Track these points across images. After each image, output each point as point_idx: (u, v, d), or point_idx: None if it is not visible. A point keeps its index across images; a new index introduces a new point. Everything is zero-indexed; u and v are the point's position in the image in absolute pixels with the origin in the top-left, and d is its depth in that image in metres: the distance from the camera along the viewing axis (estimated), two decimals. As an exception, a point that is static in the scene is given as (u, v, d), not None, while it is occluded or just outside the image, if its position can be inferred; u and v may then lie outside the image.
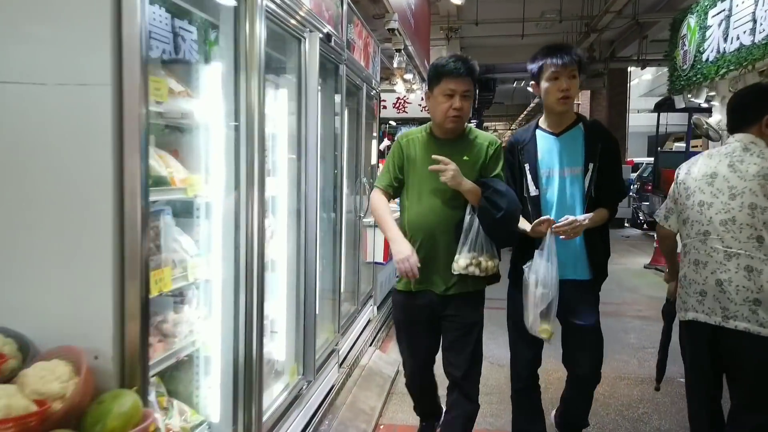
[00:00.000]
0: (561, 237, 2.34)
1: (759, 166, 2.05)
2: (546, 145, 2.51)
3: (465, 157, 2.36)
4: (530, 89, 17.54)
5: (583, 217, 2.35)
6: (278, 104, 2.81)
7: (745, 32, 6.06)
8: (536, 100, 21.00)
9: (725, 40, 6.57)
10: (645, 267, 8.10)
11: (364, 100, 4.32)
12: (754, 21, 5.85)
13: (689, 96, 8.12)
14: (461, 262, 2.30)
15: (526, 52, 11.37)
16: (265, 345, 2.76)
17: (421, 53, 8.04)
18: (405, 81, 8.12)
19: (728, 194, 2.07)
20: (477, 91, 2.40)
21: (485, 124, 35.94)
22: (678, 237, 2.43)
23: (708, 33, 6.99)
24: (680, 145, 20.35)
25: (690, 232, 2.23)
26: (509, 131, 37.95)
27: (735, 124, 2.21)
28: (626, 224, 14.22)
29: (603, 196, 2.44)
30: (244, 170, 2.07)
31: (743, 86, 6.99)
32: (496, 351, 4.19)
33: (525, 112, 25.22)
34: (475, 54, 14.46)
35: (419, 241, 2.38)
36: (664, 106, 13.30)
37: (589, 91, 18.53)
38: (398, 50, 6.36)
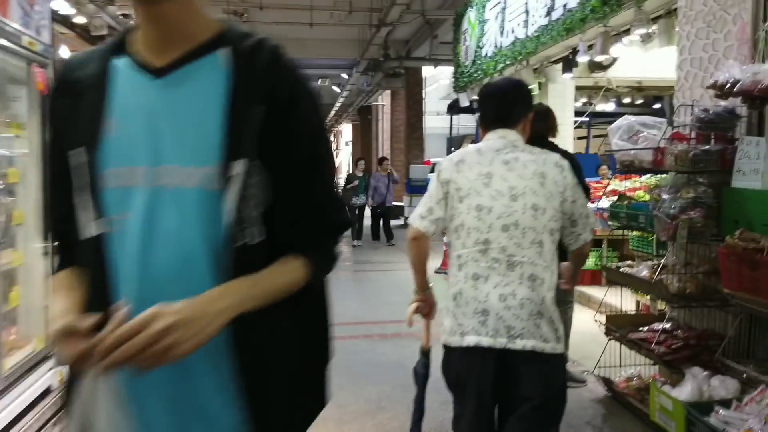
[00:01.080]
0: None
1: (534, 163, 1.88)
2: (130, 100, 0.94)
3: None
4: (335, 88, 16.97)
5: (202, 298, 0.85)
6: None
7: (519, 25, 5.77)
8: (342, 100, 20.58)
9: (501, 33, 6.29)
10: (435, 272, 7.69)
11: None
12: (527, 13, 5.57)
13: (472, 93, 7.92)
14: None
15: (321, 47, 10.37)
16: None
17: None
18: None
19: (509, 195, 1.84)
20: None
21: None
22: (446, 245, 1.96)
23: (486, 27, 6.71)
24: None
25: (466, 242, 1.88)
26: (321, 131, 37.41)
27: (497, 118, 1.97)
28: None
29: (289, 234, 0.96)
30: None
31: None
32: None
33: (333, 112, 24.67)
34: (270, 45, 13.49)
35: None
36: (455, 107, 13.65)
37: (389, 92, 18.62)
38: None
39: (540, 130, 3.72)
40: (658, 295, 2.73)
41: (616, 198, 3.59)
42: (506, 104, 1.97)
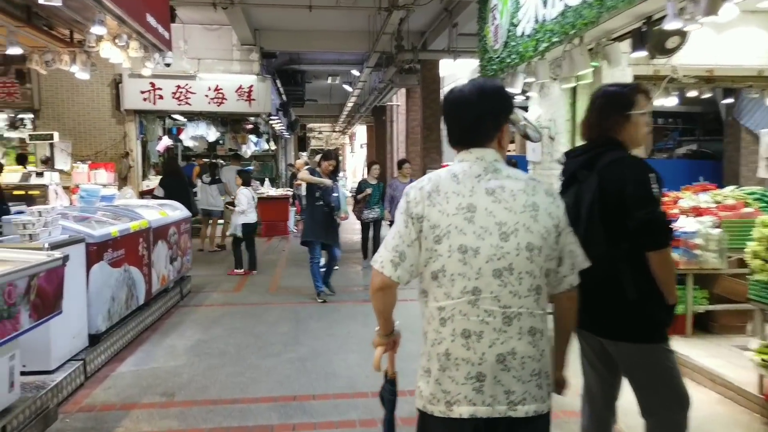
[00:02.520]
0: None
1: (524, 192, 1.59)
2: None
3: None
4: (346, 87, 15.67)
5: None
6: None
7: (571, -12, 4.39)
8: (354, 99, 19.22)
9: (545, 4, 4.89)
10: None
11: None
12: (584, -30, 4.19)
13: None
14: None
15: (326, 38, 8.73)
16: None
17: (140, 7, 5.34)
18: (118, 44, 5.28)
19: (498, 233, 1.56)
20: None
21: (309, 125, 33.86)
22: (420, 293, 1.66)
23: (523, -2, 5.32)
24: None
25: (451, 291, 1.57)
26: (335, 132, 36.11)
27: (462, 138, 1.66)
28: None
29: None
30: None
31: (569, 69, 5.47)
32: None
33: (345, 112, 23.36)
34: (273, 39, 11.98)
35: None
36: (478, 105, 12.22)
37: (404, 91, 17.23)
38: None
39: (616, 128, 2.32)
40: None
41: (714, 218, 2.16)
42: (473, 119, 1.64)
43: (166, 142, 13.13)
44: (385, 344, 1.84)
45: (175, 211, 6.43)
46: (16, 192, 6.13)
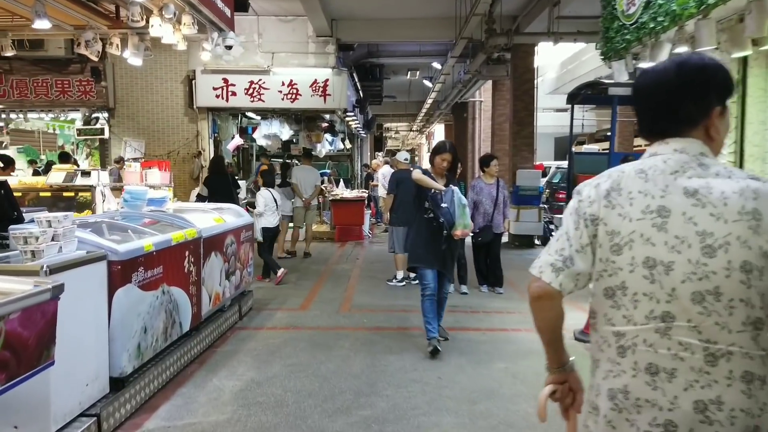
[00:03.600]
0: None
1: (740, 195, 1.21)
2: None
3: None
4: (427, 82, 14.48)
5: None
6: None
7: None
8: (434, 94, 18.06)
9: (721, -63, 3.56)
10: (576, 338, 4.97)
11: None
12: None
13: (635, 61, 5.15)
14: None
15: (409, 27, 7.18)
16: None
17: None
18: (165, 17, 4.49)
19: (700, 246, 1.22)
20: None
21: (385, 125, 33.03)
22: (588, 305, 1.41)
23: (680, -62, 3.98)
24: (592, 148, 18.20)
25: (633, 314, 1.28)
26: (411, 132, 35.07)
27: (654, 126, 1.35)
28: (537, 242, 11.27)
29: None
30: None
31: (757, 26, 4.07)
32: None
33: (424, 110, 22.23)
34: (350, 29, 10.78)
35: None
36: (578, 96, 10.74)
37: (489, 86, 15.87)
38: None
39: None
40: None
41: None
42: (668, 100, 1.30)
43: (237, 141, 12.56)
44: (556, 383, 1.46)
45: (235, 216, 5.57)
46: (66, 194, 5.51)
